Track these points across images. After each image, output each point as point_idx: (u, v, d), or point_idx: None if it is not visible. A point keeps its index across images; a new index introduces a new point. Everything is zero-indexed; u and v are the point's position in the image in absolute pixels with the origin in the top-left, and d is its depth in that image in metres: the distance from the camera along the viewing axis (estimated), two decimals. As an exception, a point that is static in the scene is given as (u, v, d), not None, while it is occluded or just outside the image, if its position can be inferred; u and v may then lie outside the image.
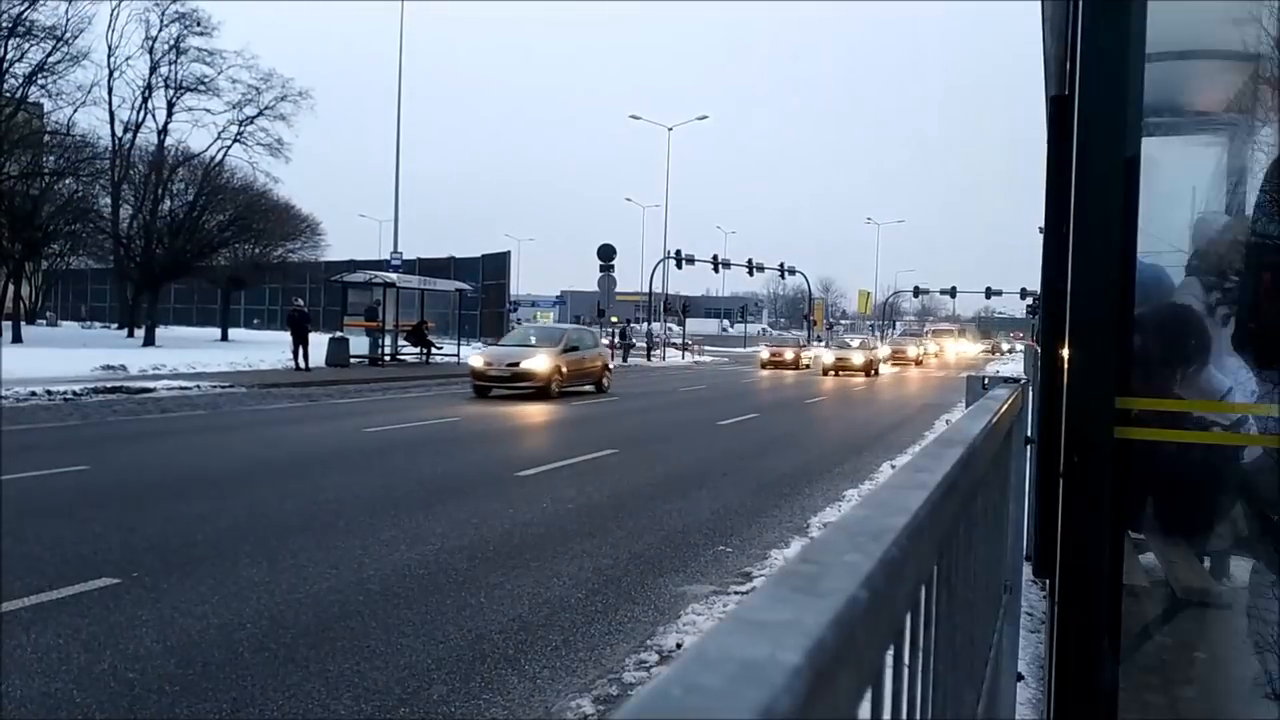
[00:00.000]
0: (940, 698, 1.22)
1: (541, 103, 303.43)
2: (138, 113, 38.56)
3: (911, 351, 52.93)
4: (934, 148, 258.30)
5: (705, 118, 55.65)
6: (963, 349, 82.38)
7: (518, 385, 19.96)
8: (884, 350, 48.05)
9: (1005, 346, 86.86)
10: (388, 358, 29.73)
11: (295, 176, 52.52)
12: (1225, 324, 3.12)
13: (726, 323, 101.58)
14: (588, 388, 22.40)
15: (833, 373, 36.86)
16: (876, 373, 38.42)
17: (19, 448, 10.42)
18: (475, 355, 22.10)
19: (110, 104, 38.60)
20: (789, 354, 42.77)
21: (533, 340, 22.16)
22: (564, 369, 20.99)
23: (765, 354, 43.71)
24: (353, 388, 21.64)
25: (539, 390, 19.97)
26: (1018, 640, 3.46)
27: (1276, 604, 2.68)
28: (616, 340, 41.79)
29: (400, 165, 35.03)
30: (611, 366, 24.46)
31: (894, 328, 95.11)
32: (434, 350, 31.05)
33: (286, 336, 26.29)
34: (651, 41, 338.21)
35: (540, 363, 20.26)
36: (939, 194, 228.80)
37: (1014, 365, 35.71)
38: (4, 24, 31.82)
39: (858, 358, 38.13)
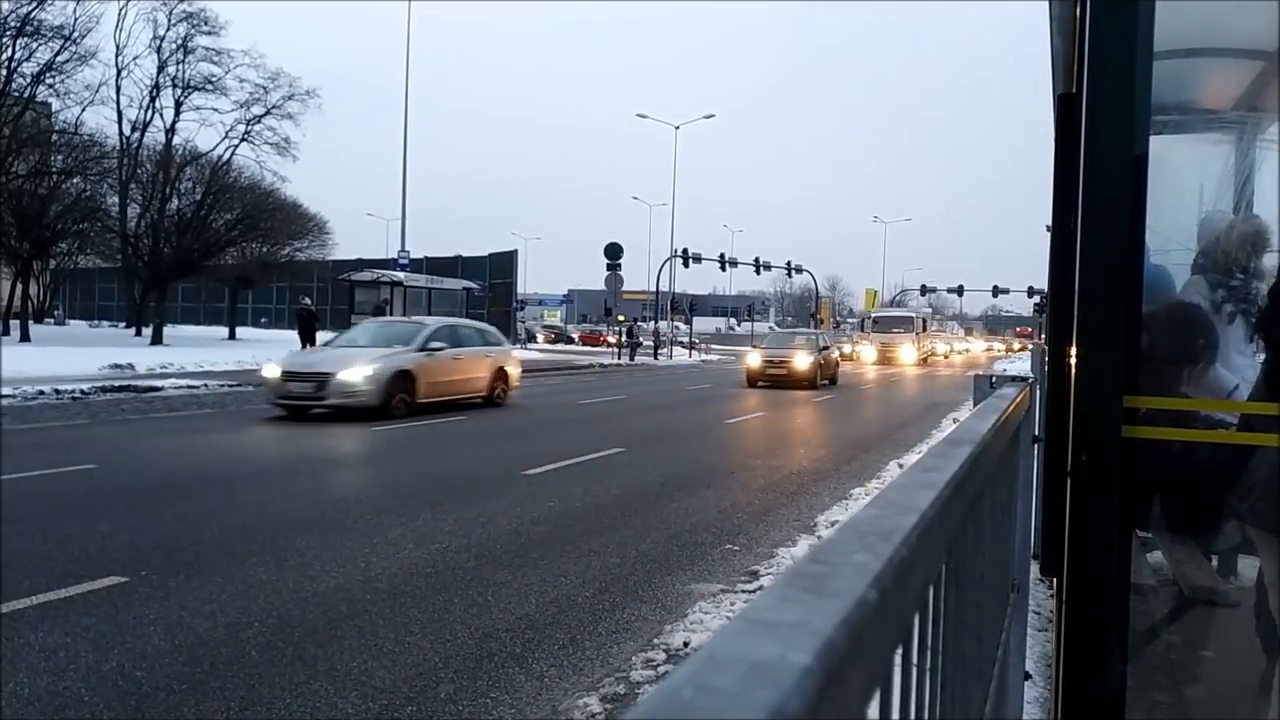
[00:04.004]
0: (948, 697, 1.22)
1: (548, 102, 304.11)
2: (145, 112, 38.87)
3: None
4: (941, 146, 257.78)
5: (712, 116, 55.44)
6: (967, 348, 65.55)
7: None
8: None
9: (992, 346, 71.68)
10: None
11: (303, 176, 52.93)
12: (1231, 322, 3.11)
13: (734, 320, 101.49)
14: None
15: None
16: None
17: (28, 446, 10.47)
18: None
19: (118, 103, 38.90)
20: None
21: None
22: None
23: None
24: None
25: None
26: (1025, 639, 3.45)
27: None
28: (623, 339, 41.80)
29: (408, 164, 35.17)
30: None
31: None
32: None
33: (294, 335, 26.32)
34: (658, 40, 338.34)
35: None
36: (946, 192, 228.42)
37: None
38: (12, 23, 31.96)
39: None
